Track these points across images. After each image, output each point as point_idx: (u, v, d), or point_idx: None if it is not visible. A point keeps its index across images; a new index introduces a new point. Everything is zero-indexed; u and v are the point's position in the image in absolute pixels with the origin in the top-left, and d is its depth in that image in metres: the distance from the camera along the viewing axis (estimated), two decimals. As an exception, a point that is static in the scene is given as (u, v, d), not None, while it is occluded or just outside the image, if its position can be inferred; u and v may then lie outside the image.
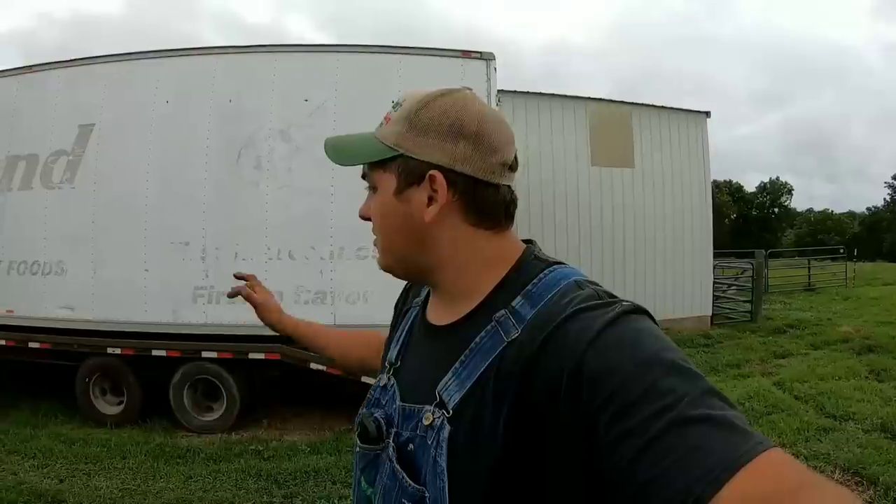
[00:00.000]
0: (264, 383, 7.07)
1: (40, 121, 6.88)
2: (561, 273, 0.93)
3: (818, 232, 63.32)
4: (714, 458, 0.62)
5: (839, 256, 25.53)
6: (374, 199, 1.00)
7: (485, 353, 0.88)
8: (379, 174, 0.98)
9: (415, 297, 1.17)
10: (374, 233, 1.02)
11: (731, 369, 9.09)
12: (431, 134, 0.93)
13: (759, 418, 6.26)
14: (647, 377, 0.70)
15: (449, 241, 0.96)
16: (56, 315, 6.74)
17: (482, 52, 6.51)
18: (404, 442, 0.93)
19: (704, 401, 0.68)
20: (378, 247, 1.03)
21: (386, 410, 1.01)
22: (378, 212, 0.99)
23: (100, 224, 6.65)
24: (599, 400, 0.71)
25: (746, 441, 0.64)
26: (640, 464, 0.66)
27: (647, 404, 0.68)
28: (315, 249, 6.36)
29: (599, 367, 0.73)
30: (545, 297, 0.88)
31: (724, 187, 64.09)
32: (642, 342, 0.75)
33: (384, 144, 0.96)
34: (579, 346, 0.76)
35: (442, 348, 0.96)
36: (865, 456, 5.07)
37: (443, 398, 0.89)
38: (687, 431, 0.65)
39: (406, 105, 0.96)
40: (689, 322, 12.33)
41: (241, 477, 5.27)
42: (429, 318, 1.05)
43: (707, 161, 12.87)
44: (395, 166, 0.95)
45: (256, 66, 6.68)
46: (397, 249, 1.01)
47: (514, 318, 0.88)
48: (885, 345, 9.62)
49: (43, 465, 5.53)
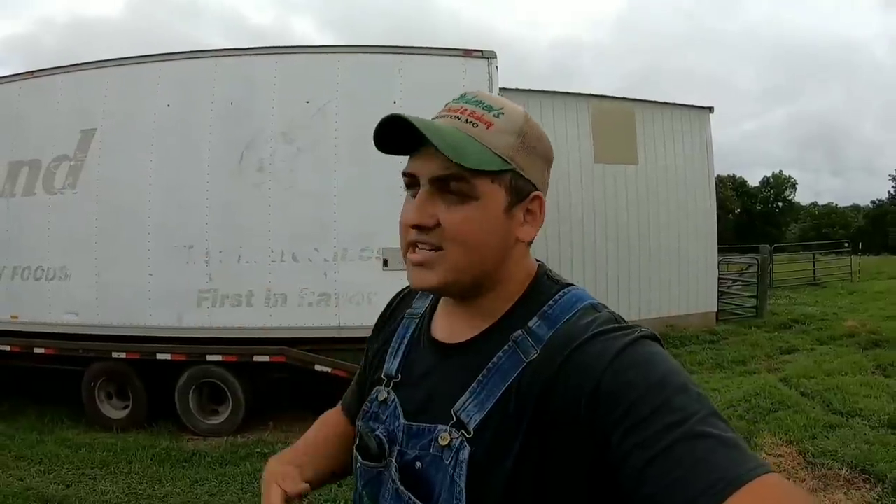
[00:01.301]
0: (269, 386, 7.07)
1: (42, 126, 6.89)
2: (576, 296, 0.95)
3: (822, 226, 63.15)
4: (718, 473, 0.67)
5: (844, 250, 25.49)
6: (471, 210, 0.90)
7: (504, 374, 0.89)
8: (486, 184, 0.90)
9: (406, 307, 1.14)
10: (448, 245, 0.90)
11: (736, 366, 9.08)
12: (537, 155, 0.96)
13: (766, 415, 6.23)
14: (661, 396, 0.75)
15: (516, 259, 0.97)
16: (61, 320, 6.74)
17: (483, 50, 6.51)
18: (410, 461, 0.93)
19: (712, 421, 0.73)
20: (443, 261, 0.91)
21: (387, 427, 0.99)
22: (478, 225, 0.90)
23: (103, 229, 6.65)
24: (615, 415, 0.75)
25: (749, 461, 0.69)
26: (649, 474, 0.70)
27: (658, 420, 0.72)
28: (319, 251, 6.35)
29: (617, 385, 0.77)
30: (562, 319, 0.91)
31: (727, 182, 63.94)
32: (657, 364, 0.80)
33: (496, 154, 0.90)
34: (600, 366, 0.80)
35: (455, 367, 0.95)
36: (873, 452, 5.02)
37: (461, 419, 0.89)
38: (695, 446, 0.70)
39: (511, 116, 0.93)
40: (695, 318, 12.30)
41: (247, 480, 5.26)
42: (436, 335, 1.02)
43: (711, 156, 12.83)
44: (507, 180, 0.92)
45: (257, 68, 6.67)
46: (481, 266, 0.92)
47: (531, 339, 0.89)
48: (892, 339, 9.56)
49: (49, 470, 5.53)
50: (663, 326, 11.55)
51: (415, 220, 0.91)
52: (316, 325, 6.33)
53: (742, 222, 63.90)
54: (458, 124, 0.91)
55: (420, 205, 0.91)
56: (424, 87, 6.00)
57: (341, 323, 6.22)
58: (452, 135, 0.88)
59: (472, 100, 0.94)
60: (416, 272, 0.94)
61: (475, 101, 0.93)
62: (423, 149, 0.90)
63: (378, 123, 0.90)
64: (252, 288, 6.41)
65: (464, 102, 0.94)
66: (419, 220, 0.90)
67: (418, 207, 0.91)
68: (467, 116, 0.91)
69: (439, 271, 0.91)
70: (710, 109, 12.93)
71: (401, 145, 0.92)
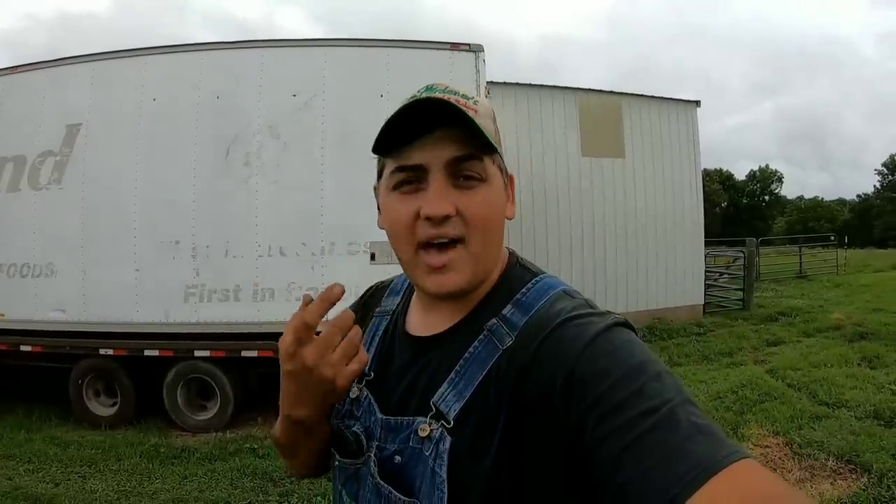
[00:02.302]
0: (258, 381, 7.05)
1: (27, 121, 6.83)
2: (548, 283, 0.95)
3: (808, 220, 63.74)
4: (693, 461, 0.65)
5: (830, 244, 25.71)
6: (485, 192, 0.89)
7: (481, 362, 0.88)
8: (491, 165, 0.90)
9: (375, 305, 1.13)
10: (470, 232, 0.88)
11: (723, 357, 9.13)
12: (499, 139, 0.95)
13: (753, 406, 6.29)
14: (635, 383, 0.74)
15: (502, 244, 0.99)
16: (48, 317, 6.70)
17: (471, 44, 6.50)
18: (389, 455, 0.92)
19: (686, 408, 0.72)
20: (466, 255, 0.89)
21: (363, 423, 0.98)
22: (493, 206, 0.90)
23: (89, 224, 6.61)
24: (589, 401, 0.75)
25: (724, 448, 0.67)
26: (623, 461, 0.69)
27: (633, 407, 0.72)
28: (306, 245, 6.34)
29: (591, 371, 0.77)
30: (535, 306, 0.90)
31: (714, 176, 64.29)
32: (631, 352, 0.79)
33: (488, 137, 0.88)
34: (573, 351, 0.79)
35: (432, 360, 0.94)
36: (859, 443, 5.08)
37: (440, 409, 0.88)
38: (669, 433, 0.69)
39: (483, 104, 0.93)
40: (682, 311, 12.38)
41: (236, 476, 5.26)
42: (410, 330, 1.02)
43: (697, 150, 12.88)
44: (499, 161, 0.93)
45: (244, 61, 6.63)
46: (496, 251, 0.93)
47: (506, 326, 0.89)
48: (877, 332, 9.69)
49: (38, 468, 5.50)
50: (651, 319, 11.62)
51: (442, 209, 0.86)
52: (304, 319, 6.29)
53: (729, 216, 64.35)
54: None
55: (441, 193, 0.87)
56: (411, 80, 5.97)
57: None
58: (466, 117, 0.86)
59: (447, 90, 0.91)
60: (438, 277, 0.90)
61: (450, 91, 0.91)
62: (427, 137, 0.87)
63: (401, 109, 0.86)
64: (239, 282, 6.39)
65: (440, 93, 0.89)
66: (445, 210, 0.86)
67: (439, 196, 0.87)
68: (454, 103, 0.86)
69: (467, 269, 0.89)
70: (696, 103, 12.98)
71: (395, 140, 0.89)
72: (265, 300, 6.35)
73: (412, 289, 1.07)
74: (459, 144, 0.86)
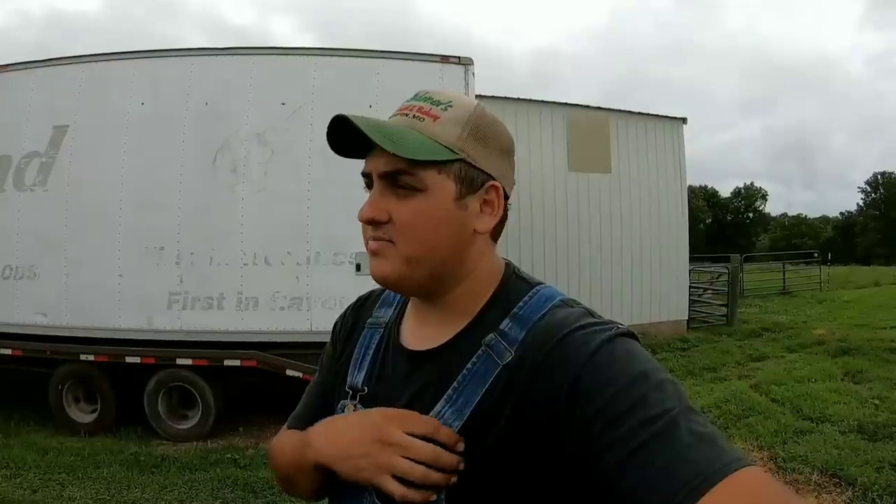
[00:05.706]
0: (240, 391, 7.00)
1: (13, 122, 6.75)
2: (545, 294, 0.95)
3: (792, 236, 64.28)
4: (695, 469, 0.67)
5: (813, 260, 25.91)
6: (419, 202, 0.90)
7: (480, 379, 0.88)
8: (432, 176, 0.90)
9: (366, 315, 1.12)
10: (398, 237, 0.91)
11: (707, 372, 9.15)
12: (492, 146, 0.95)
13: (737, 421, 6.32)
14: (639, 391, 0.75)
15: (478, 253, 0.96)
16: (28, 321, 6.62)
17: (461, 57, 6.52)
18: None
19: (690, 416, 0.73)
20: (395, 253, 0.91)
21: None
22: (426, 216, 0.90)
23: (73, 228, 6.54)
24: (593, 410, 0.75)
25: (727, 456, 0.68)
26: (627, 469, 0.70)
27: (636, 415, 0.73)
28: (291, 255, 6.31)
29: (595, 381, 0.78)
30: (533, 319, 0.90)
31: (699, 193, 64.73)
32: (635, 361, 0.80)
33: (442, 145, 0.90)
34: (578, 362, 0.80)
35: (428, 375, 0.94)
36: (843, 457, 5.11)
37: None
38: (674, 441, 0.70)
39: (460, 108, 0.93)
40: (666, 326, 12.41)
41: (217, 486, 5.20)
42: (406, 344, 1.01)
43: (683, 166, 12.96)
44: (456, 170, 0.91)
45: (233, 68, 6.61)
46: (434, 258, 0.92)
47: (505, 341, 0.89)
48: (860, 347, 9.75)
49: (16, 474, 5.41)
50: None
51: (367, 215, 0.92)
52: (288, 329, 6.28)
53: (713, 232, 64.76)
54: (406, 121, 0.92)
55: (373, 201, 0.92)
56: (401, 91, 5.94)
57: (313, 327, 6.17)
58: (394, 130, 0.90)
59: (422, 97, 0.95)
60: (372, 262, 0.94)
61: (425, 97, 0.94)
62: (376, 148, 0.89)
63: (328, 126, 0.93)
64: (223, 290, 6.34)
65: (414, 101, 0.95)
66: (372, 215, 0.91)
67: (371, 203, 0.92)
68: (415, 112, 0.92)
69: (393, 262, 0.91)
70: (683, 120, 13.09)
71: (358, 148, 0.93)
72: (249, 309, 6.31)
73: (406, 301, 1.07)
74: (389, 157, 0.88)
